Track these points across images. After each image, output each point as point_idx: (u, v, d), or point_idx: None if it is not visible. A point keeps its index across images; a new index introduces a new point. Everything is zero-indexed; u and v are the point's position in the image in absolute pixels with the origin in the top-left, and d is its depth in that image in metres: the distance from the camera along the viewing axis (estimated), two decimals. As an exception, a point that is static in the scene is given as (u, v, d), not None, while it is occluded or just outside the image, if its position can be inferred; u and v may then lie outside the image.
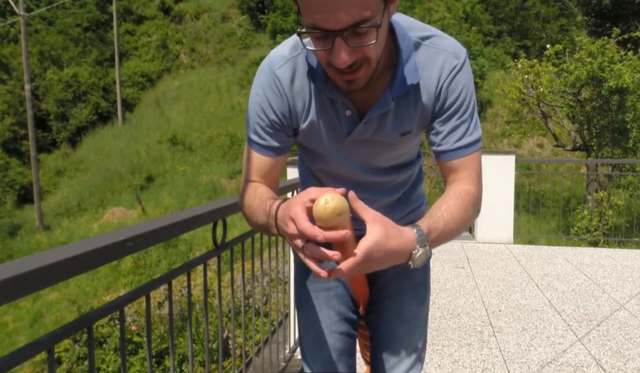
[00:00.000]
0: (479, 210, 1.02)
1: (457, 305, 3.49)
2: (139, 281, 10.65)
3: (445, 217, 0.92)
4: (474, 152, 1.00)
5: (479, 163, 1.02)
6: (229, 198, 1.64)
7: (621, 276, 4.24)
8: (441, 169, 1.04)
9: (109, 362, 5.19)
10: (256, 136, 1.02)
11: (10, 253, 14.20)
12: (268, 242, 2.25)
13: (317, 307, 1.21)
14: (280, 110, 0.99)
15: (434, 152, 1.03)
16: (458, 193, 0.97)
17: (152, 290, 1.21)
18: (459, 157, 0.99)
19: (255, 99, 1.01)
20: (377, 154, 1.05)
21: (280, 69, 0.97)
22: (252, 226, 1.03)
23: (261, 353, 2.35)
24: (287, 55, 0.98)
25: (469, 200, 0.97)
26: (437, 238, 0.91)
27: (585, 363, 2.60)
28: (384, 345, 1.18)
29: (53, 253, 0.85)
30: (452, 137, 0.98)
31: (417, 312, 1.20)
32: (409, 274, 1.19)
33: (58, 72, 23.31)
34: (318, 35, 0.80)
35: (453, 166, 1.00)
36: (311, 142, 1.05)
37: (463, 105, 0.98)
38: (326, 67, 0.87)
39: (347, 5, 0.74)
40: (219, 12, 27.79)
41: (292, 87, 0.98)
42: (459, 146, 0.98)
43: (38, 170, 17.25)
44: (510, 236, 5.69)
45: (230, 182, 15.96)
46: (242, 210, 1.05)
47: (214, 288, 4.18)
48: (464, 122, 0.98)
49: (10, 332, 10.93)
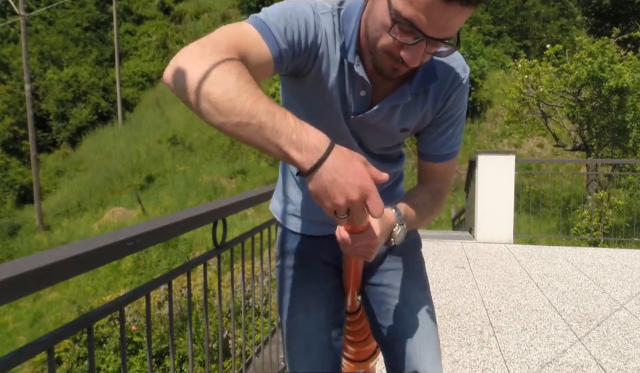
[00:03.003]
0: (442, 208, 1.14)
1: (457, 305, 3.49)
2: (139, 281, 10.65)
3: (419, 207, 1.04)
4: (453, 159, 1.10)
5: (454, 168, 1.13)
6: (229, 198, 1.64)
7: (621, 276, 4.23)
8: (421, 166, 1.13)
9: (109, 362, 5.19)
10: (274, 27, 0.84)
11: (10, 253, 14.20)
12: (268, 242, 2.25)
13: (304, 311, 1.16)
14: (311, 42, 0.90)
15: (420, 152, 1.11)
16: (432, 191, 1.09)
17: (152, 290, 1.21)
18: (441, 162, 1.09)
19: (300, 6, 0.89)
20: (373, 139, 1.05)
21: (323, 15, 0.91)
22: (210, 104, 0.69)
23: (261, 353, 2.35)
24: (329, 8, 0.92)
25: (440, 199, 1.10)
26: (409, 223, 1.02)
27: (585, 363, 2.60)
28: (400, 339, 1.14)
29: (53, 253, 0.85)
30: (441, 143, 1.07)
31: (421, 299, 1.19)
32: (406, 263, 1.20)
33: (58, 72, 23.32)
34: (407, 29, 0.79)
35: (434, 168, 1.10)
36: (311, 102, 0.99)
37: (459, 118, 1.06)
38: (384, 50, 0.85)
39: (457, 24, 0.78)
40: (219, 12, 27.78)
41: (327, 38, 0.92)
42: (444, 153, 1.08)
43: (38, 170, 17.25)
44: (510, 236, 5.69)
45: (230, 182, 15.96)
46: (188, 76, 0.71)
47: (214, 288, 4.18)
48: (455, 133, 1.07)
49: (10, 332, 10.94)
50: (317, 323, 1.15)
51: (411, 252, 1.23)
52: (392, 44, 0.82)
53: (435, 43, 0.80)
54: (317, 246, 1.19)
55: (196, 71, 0.71)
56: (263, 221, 2.18)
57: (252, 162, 16.83)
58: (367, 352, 1.34)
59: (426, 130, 1.07)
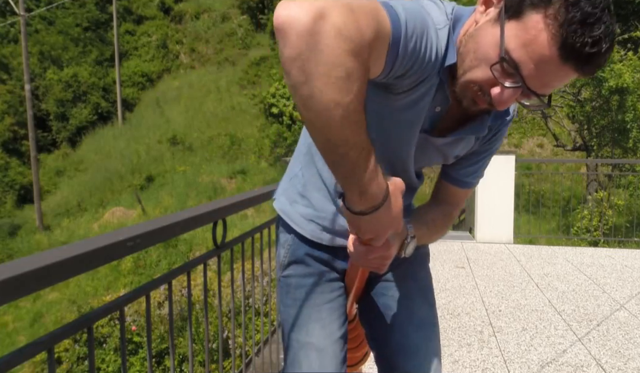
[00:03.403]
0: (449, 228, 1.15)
1: (457, 305, 3.48)
2: (139, 281, 10.65)
3: (430, 225, 1.06)
4: (475, 186, 1.11)
5: (470, 193, 1.15)
6: (229, 198, 1.64)
7: (621, 276, 4.23)
8: (441, 186, 1.11)
9: (109, 362, 5.19)
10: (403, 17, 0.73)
11: (10, 253, 14.20)
12: (268, 242, 2.25)
13: (320, 324, 1.08)
14: (426, 61, 0.79)
15: (446, 173, 1.08)
16: (445, 212, 1.09)
17: (152, 290, 1.21)
18: (464, 188, 1.08)
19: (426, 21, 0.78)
20: (424, 159, 1.01)
21: (441, 30, 0.82)
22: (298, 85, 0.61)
23: (261, 353, 2.35)
24: (444, 21, 0.83)
25: (449, 221, 1.11)
26: (419, 238, 1.01)
27: (585, 363, 2.60)
28: (404, 356, 1.09)
29: (53, 253, 0.85)
30: (471, 171, 1.07)
31: (430, 317, 1.14)
32: (414, 275, 1.16)
33: (58, 72, 23.32)
34: (510, 71, 0.75)
35: (455, 192, 1.09)
36: (392, 114, 0.90)
37: (493, 152, 1.07)
38: (475, 82, 0.80)
39: (559, 85, 0.76)
40: (219, 12, 27.79)
41: (438, 55, 0.81)
42: (471, 181, 1.08)
43: (38, 170, 17.25)
44: (510, 236, 5.69)
45: (230, 182, 15.95)
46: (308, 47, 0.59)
47: (214, 288, 4.18)
48: (485, 164, 1.07)
49: (10, 332, 10.94)
50: (332, 336, 1.09)
51: (421, 265, 1.18)
52: (487, 79, 0.78)
53: (530, 94, 0.76)
54: (332, 254, 1.12)
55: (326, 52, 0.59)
56: (263, 221, 2.18)
57: (252, 162, 16.83)
58: (357, 357, 1.34)
59: (463, 156, 1.04)
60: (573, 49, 0.69)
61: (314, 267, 1.12)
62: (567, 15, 0.69)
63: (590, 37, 0.69)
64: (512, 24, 0.73)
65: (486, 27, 0.78)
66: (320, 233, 1.09)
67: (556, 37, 0.70)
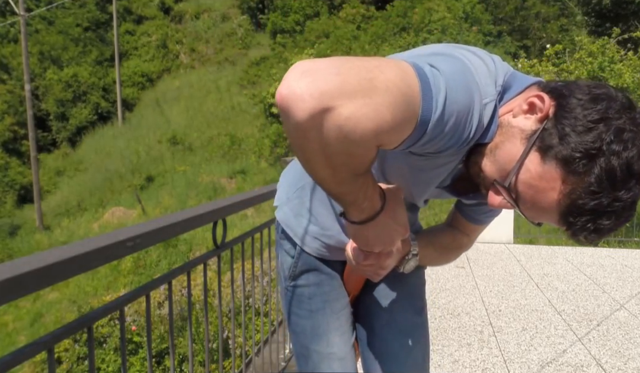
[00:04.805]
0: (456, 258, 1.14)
1: (457, 305, 3.48)
2: (139, 281, 10.64)
3: (437, 248, 1.04)
4: (488, 224, 1.08)
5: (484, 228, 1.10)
6: (229, 198, 1.64)
7: (621, 276, 4.23)
8: (454, 215, 1.08)
9: (109, 362, 5.19)
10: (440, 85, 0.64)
11: (10, 253, 14.19)
12: (268, 242, 2.25)
13: (339, 332, 1.06)
14: (465, 137, 0.71)
15: (460, 207, 1.06)
16: (456, 239, 1.07)
17: (152, 290, 1.21)
18: (476, 225, 1.05)
19: (474, 95, 0.68)
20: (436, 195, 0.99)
21: (487, 105, 0.71)
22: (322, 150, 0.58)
23: (261, 353, 2.35)
24: (493, 94, 0.72)
25: (459, 251, 1.09)
26: (423, 257, 1.00)
27: (585, 363, 2.60)
28: (382, 362, 1.06)
29: (53, 253, 0.85)
30: (484, 209, 1.03)
31: (413, 323, 1.09)
32: (403, 279, 1.09)
33: (58, 72, 23.32)
34: (509, 194, 0.73)
35: (466, 224, 1.06)
36: (413, 170, 0.85)
37: None
38: (481, 175, 0.78)
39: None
40: (219, 12, 27.78)
41: (476, 133, 0.72)
42: (483, 219, 1.05)
43: (38, 170, 17.24)
44: (510, 236, 5.69)
45: (230, 182, 15.94)
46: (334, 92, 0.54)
47: (214, 288, 4.18)
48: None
49: (10, 332, 10.93)
50: (349, 342, 1.08)
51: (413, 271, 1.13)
52: (490, 179, 0.75)
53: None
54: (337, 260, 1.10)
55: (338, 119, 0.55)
56: (263, 221, 2.18)
57: (252, 162, 16.81)
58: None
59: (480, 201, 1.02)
60: (571, 225, 0.68)
61: (326, 272, 1.07)
62: (581, 199, 0.65)
63: (594, 225, 0.66)
64: (535, 156, 0.68)
65: (516, 134, 0.72)
66: (323, 251, 1.06)
67: (562, 206, 0.67)
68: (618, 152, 0.63)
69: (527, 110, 0.72)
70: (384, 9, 20.32)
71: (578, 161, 0.64)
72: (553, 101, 0.69)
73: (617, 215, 0.65)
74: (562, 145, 0.65)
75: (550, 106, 0.69)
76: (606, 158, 0.63)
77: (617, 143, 0.63)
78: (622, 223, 0.66)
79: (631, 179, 0.63)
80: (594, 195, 0.64)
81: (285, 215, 1.09)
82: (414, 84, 0.61)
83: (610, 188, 0.63)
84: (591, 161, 0.63)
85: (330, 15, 21.43)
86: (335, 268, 1.10)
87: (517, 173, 0.70)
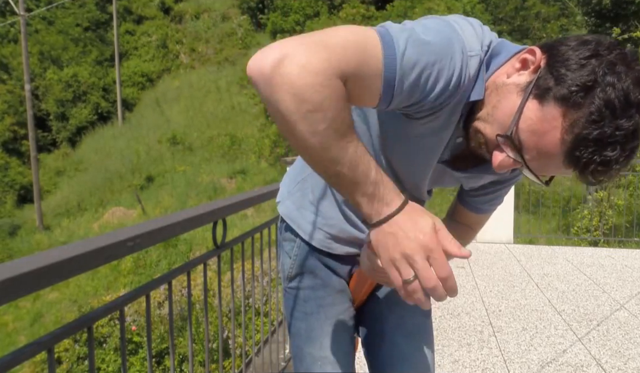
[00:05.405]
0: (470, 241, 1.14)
1: (457, 305, 3.48)
2: (139, 281, 10.65)
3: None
4: (490, 213, 1.08)
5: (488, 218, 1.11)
6: (229, 198, 1.64)
7: (621, 276, 4.23)
8: (456, 208, 1.09)
9: (109, 362, 5.20)
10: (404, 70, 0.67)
11: (10, 253, 14.20)
12: (268, 242, 2.25)
13: (331, 335, 1.06)
14: (449, 92, 0.73)
15: (461, 195, 1.06)
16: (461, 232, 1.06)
17: (152, 290, 1.21)
18: (480, 214, 1.06)
19: (453, 47, 0.71)
20: (438, 182, 0.99)
21: (472, 58, 0.74)
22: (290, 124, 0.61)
23: (261, 353, 2.36)
24: (477, 49, 0.74)
25: (469, 238, 1.10)
26: None
27: (585, 363, 2.60)
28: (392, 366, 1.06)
29: (53, 253, 0.85)
30: (487, 199, 1.04)
31: (422, 325, 1.10)
32: None
33: (58, 72, 23.34)
34: (513, 147, 0.72)
35: (468, 215, 1.07)
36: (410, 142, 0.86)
37: (513, 183, 1.03)
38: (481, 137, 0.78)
39: (557, 174, 0.76)
40: (219, 12, 27.79)
41: (464, 85, 0.74)
42: (486, 208, 1.06)
43: (38, 170, 17.25)
44: (510, 236, 5.69)
45: (230, 182, 15.95)
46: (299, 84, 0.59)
47: (214, 288, 4.18)
48: (503, 193, 1.05)
49: (10, 332, 10.94)
50: (345, 348, 1.08)
51: None
52: (492, 140, 0.75)
53: (529, 172, 0.75)
54: (339, 261, 1.09)
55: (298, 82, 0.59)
56: (263, 221, 2.18)
57: (252, 162, 16.83)
58: None
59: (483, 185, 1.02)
60: (578, 161, 0.67)
61: (323, 277, 1.08)
62: (584, 129, 0.65)
63: (600, 157, 0.66)
64: (533, 104, 0.70)
65: (512, 90, 0.73)
66: (328, 243, 1.06)
67: (566, 143, 0.67)
68: (613, 83, 0.65)
69: (521, 67, 0.74)
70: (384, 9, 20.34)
71: (576, 94, 0.66)
72: (544, 54, 0.72)
73: (621, 145, 0.66)
74: (559, 85, 0.67)
75: (542, 57, 0.72)
76: (602, 89, 0.65)
77: (611, 75, 0.65)
78: (628, 156, 0.67)
79: (630, 107, 0.65)
80: (595, 124, 0.65)
81: (288, 209, 1.10)
82: (372, 35, 0.66)
83: (611, 117, 0.65)
84: (589, 93, 0.65)
85: (330, 15, 21.44)
86: (338, 272, 1.09)
87: (517, 122, 0.71)
